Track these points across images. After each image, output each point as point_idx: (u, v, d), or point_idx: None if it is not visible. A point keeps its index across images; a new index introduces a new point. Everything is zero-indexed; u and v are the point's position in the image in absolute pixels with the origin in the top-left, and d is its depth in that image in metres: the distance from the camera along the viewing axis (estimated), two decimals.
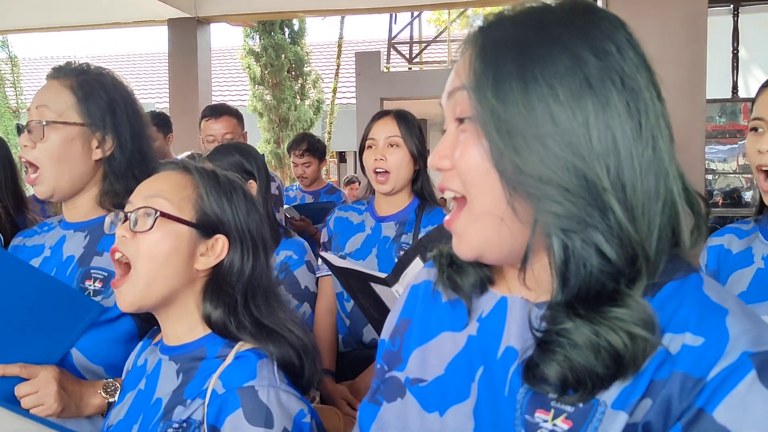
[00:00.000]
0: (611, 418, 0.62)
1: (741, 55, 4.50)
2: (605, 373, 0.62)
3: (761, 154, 1.37)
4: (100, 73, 1.49)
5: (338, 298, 2.18)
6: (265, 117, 11.00)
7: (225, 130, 3.18)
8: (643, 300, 0.64)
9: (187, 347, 1.13)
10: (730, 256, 1.53)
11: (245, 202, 1.18)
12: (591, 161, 0.64)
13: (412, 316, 0.88)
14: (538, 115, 0.65)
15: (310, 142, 4.14)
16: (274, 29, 10.82)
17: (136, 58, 18.63)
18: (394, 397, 0.82)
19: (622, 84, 0.66)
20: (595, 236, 0.64)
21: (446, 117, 0.75)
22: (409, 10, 9.50)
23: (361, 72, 8.54)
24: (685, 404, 0.60)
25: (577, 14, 0.68)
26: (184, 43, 5.23)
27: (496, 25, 0.71)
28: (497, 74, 0.67)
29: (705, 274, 0.70)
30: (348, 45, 14.31)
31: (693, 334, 0.62)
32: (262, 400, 1.00)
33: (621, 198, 0.65)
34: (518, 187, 0.65)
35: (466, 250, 0.73)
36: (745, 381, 0.58)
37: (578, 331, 0.63)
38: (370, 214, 2.17)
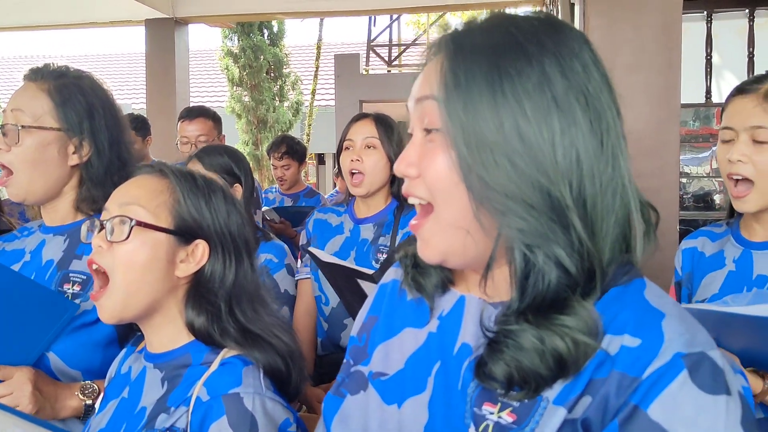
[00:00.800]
0: (551, 412, 0.65)
1: (714, 60, 4.57)
2: (548, 374, 0.65)
3: (732, 163, 1.40)
4: (79, 76, 1.47)
5: (316, 301, 2.18)
6: (244, 118, 10.95)
7: (199, 132, 3.16)
8: (591, 307, 0.67)
9: (171, 354, 1.10)
10: (704, 259, 1.56)
11: (225, 203, 1.15)
12: (555, 179, 0.66)
13: (379, 314, 0.91)
14: (507, 132, 0.67)
15: (290, 144, 4.13)
16: (253, 31, 10.78)
17: (113, 59, 18.44)
18: (357, 390, 0.84)
19: (587, 103, 0.68)
20: (556, 251, 0.67)
21: (413, 121, 0.76)
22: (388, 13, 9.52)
23: (340, 74, 8.53)
24: (621, 401, 0.63)
25: (547, 32, 0.70)
26: (161, 43, 5.20)
27: (468, 34, 0.72)
28: (468, 89, 0.68)
29: (648, 280, 0.73)
30: (327, 47, 14.30)
31: (631, 335, 0.65)
32: (247, 407, 0.98)
33: (582, 214, 0.67)
34: (485, 201, 0.68)
35: (431, 255, 0.75)
36: (677, 380, 0.62)
37: (525, 336, 0.66)
38: (349, 216, 2.17)
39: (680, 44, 2.18)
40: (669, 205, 2.15)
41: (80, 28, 5.92)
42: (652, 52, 2.17)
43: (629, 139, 0.73)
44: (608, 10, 2.20)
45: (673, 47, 2.16)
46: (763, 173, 1.37)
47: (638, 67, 2.17)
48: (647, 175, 2.09)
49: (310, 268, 2.18)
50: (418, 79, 0.76)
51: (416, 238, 0.78)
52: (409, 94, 0.78)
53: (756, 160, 1.37)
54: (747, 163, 1.38)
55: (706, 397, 0.61)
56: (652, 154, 2.10)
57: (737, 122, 1.40)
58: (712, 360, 0.63)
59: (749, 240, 1.49)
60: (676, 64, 2.17)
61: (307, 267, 2.19)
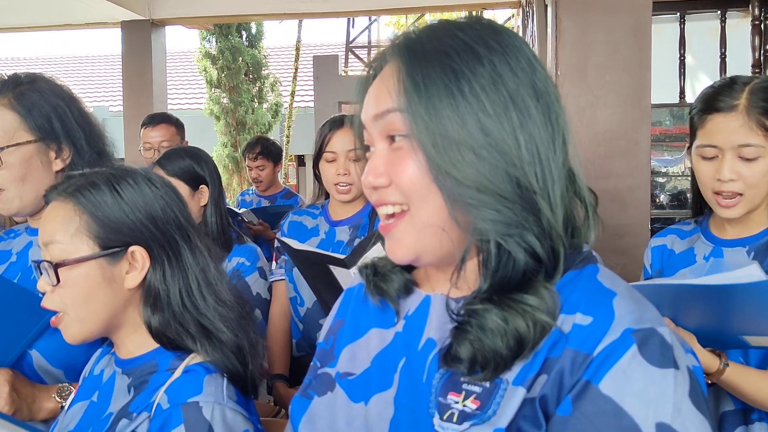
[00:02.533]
0: (511, 393, 0.68)
1: (687, 61, 4.63)
2: (508, 354, 0.68)
3: (722, 182, 1.40)
4: (33, 80, 1.44)
5: (291, 302, 2.18)
6: (222, 120, 10.88)
7: (161, 138, 3.21)
8: (552, 288, 0.70)
9: (139, 360, 1.10)
10: (674, 256, 1.59)
11: (140, 191, 1.09)
12: (522, 168, 0.70)
13: (345, 317, 0.93)
14: (470, 127, 0.70)
15: (264, 145, 4.12)
16: (231, 32, 10.72)
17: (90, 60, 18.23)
18: (324, 391, 0.86)
19: (537, 97, 0.73)
20: (529, 238, 0.70)
21: (372, 136, 0.78)
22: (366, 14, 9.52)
23: (318, 76, 8.52)
24: (575, 378, 0.66)
25: (490, 34, 0.74)
26: (138, 45, 5.16)
27: (417, 42, 0.75)
28: (428, 93, 0.71)
29: (602, 265, 0.76)
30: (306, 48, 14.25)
31: (583, 314, 0.68)
32: (206, 416, 0.97)
33: (547, 200, 0.71)
34: (458, 198, 0.70)
35: (403, 254, 0.76)
36: (627, 355, 0.64)
37: (489, 316, 0.69)
38: (324, 218, 2.18)
39: (650, 45, 2.21)
40: (641, 204, 2.18)
41: (55, 30, 5.86)
42: (623, 54, 2.20)
43: (601, 139, 0.76)
44: (579, 12, 2.22)
45: (643, 48, 2.19)
46: (752, 186, 1.39)
47: (609, 67, 2.19)
48: (619, 175, 2.12)
49: (285, 269, 2.18)
50: (370, 94, 0.78)
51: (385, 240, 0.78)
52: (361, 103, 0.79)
53: (746, 175, 1.38)
54: (737, 181, 1.39)
55: (654, 370, 0.64)
56: (624, 154, 2.12)
57: (722, 141, 1.39)
58: (661, 335, 0.66)
59: (719, 237, 1.51)
60: (646, 65, 2.19)
61: (282, 268, 2.20)
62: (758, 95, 1.37)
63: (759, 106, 1.36)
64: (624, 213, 2.14)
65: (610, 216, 2.11)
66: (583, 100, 2.16)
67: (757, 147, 1.36)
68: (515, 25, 7.89)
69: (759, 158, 1.37)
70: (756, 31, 4.08)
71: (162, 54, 5.36)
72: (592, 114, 2.17)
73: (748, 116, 1.36)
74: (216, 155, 10.83)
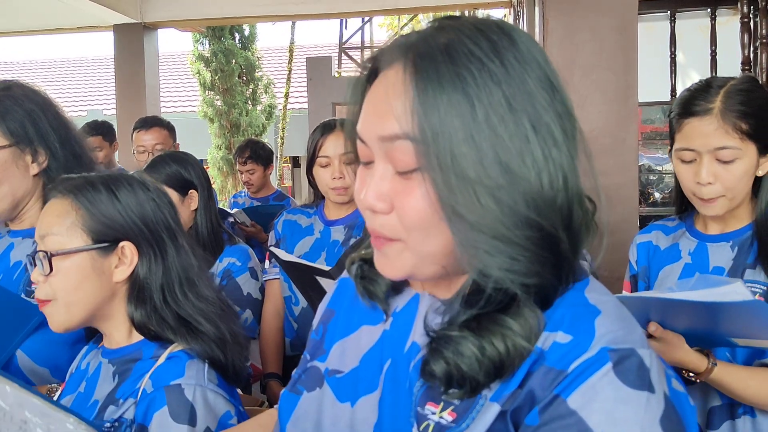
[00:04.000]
0: (486, 408, 0.66)
1: (678, 59, 4.66)
2: (485, 380, 0.65)
3: (700, 185, 1.41)
4: (8, 87, 1.46)
5: (286, 301, 2.19)
6: (216, 123, 10.88)
7: (156, 141, 3.25)
8: (538, 311, 0.66)
9: (125, 350, 1.16)
10: (659, 252, 1.61)
11: (134, 194, 1.17)
12: (546, 211, 0.63)
13: (338, 308, 0.91)
14: (487, 167, 0.62)
15: (253, 148, 4.13)
16: (224, 34, 10.73)
17: (83, 64, 18.20)
18: (313, 387, 0.84)
19: (561, 120, 0.66)
20: (544, 283, 0.65)
21: (372, 150, 0.69)
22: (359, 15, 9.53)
23: (312, 77, 8.53)
24: (547, 393, 0.63)
25: (509, 48, 0.65)
26: (130, 49, 5.17)
27: (430, 59, 0.65)
28: (444, 128, 0.62)
29: (593, 278, 0.72)
30: (299, 50, 14.26)
31: (564, 332, 0.65)
32: (188, 398, 1.04)
33: (569, 237, 0.66)
34: (469, 242, 0.63)
35: (395, 273, 0.71)
36: (599, 372, 0.61)
37: (465, 344, 0.64)
38: (319, 217, 2.18)
39: (636, 45, 2.24)
40: (629, 202, 2.20)
41: (47, 34, 5.85)
42: (610, 53, 2.22)
43: (589, 137, 0.69)
44: (566, 12, 2.24)
45: (629, 47, 2.21)
46: (731, 187, 1.39)
47: (596, 67, 2.22)
48: (607, 173, 2.13)
49: (279, 268, 2.19)
50: (373, 103, 0.69)
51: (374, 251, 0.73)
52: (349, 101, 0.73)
53: (724, 177, 1.39)
54: (715, 183, 1.39)
55: (626, 390, 0.61)
56: (612, 152, 2.14)
57: (699, 145, 1.40)
58: (640, 357, 0.63)
59: (703, 233, 1.53)
60: (633, 64, 2.22)
61: (276, 267, 2.20)
62: (733, 98, 1.38)
63: (734, 109, 1.37)
64: (612, 211, 2.15)
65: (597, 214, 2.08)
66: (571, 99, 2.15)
67: (734, 149, 1.37)
68: None
69: (736, 160, 1.37)
70: (745, 29, 4.10)
71: (154, 57, 5.38)
72: (579, 113, 2.09)
73: (723, 119, 1.37)
74: (210, 158, 10.84)
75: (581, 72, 2.21)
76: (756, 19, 4.00)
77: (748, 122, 1.36)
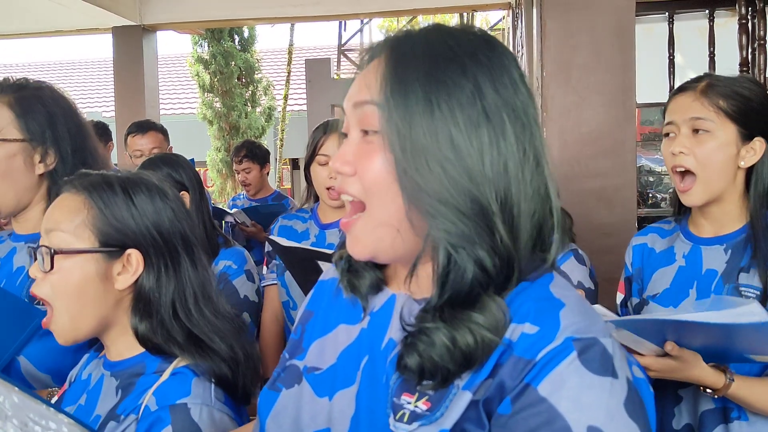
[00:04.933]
0: (459, 396, 0.70)
1: (677, 60, 4.66)
2: (456, 369, 0.70)
3: (674, 156, 1.46)
4: (39, 87, 1.48)
5: (284, 306, 2.19)
6: (215, 125, 10.88)
7: (152, 145, 3.26)
8: (502, 302, 0.72)
9: (127, 363, 1.10)
10: (654, 255, 1.61)
11: (151, 201, 1.12)
12: (483, 187, 0.71)
13: (316, 310, 0.94)
14: (440, 140, 0.71)
15: (249, 148, 4.15)
16: (223, 36, 10.73)
17: (82, 66, 18.22)
18: (292, 384, 0.87)
19: (515, 116, 0.73)
20: (480, 252, 0.71)
21: (350, 122, 0.79)
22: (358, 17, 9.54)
23: (311, 79, 8.54)
24: (516, 382, 0.68)
25: (482, 47, 0.75)
26: (129, 51, 5.17)
27: (407, 42, 0.76)
28: (406, 97, 0.72)
29: (558, 274, 0.78)
30: (299, 52, 14.27)
31: (531, 323, 0.70)
32: (194, 418, 0.99)
33: (507, 220, 0.72)
34: (417, 203, 0.71)
35: (361, 252, 0.78)
36: (566, 360, 0.67)
37: (437, 334, 0.70)
38: (314, 221, 2.19)
39: (634, 46, 2.24)
40: (627, 203, 2.19)
41: (46, 37, 5.86)
42: (607, 54, 2.22)
43: (587, 139, 0.76)
44: (563, 14, 2.24)
45: (626, 49, 2.22)
46: (704, 164, 1.43)
47: (594, 68, 2.22)
48: (605, 174, 2.13)
49: (276, 273, 2.19)
50: (355, 81, 0.79)
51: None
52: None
53: (696, 152, 1.43)
54: (688, 155, 1.44)
55: (591, 376, 0.66)
56: (610, 154, 2.14)
57: (678, 116, 1.47)
58: (603, 346, 0.68)
59: (697, 236, 1.54)
60: (630, 65, 2.22)
61: (274, 273, 2.20)
62: (719, 81, 1.45)
63: (716, 89, 1.43)
64: (610, 212, 2.16)
65: (596, 215, 2.13)
66: (569, 101, 2.19)
67: (708, 121, 1.42)
68: (506, 27, 7.92)
69: (710, 134, 1.42)
70: (743, 30, 4.11)
71: (153, 59, 5.38)
72: (577, 114, 2.20)
73: (702, 94, 1.44)
74: (209, 160, 10.84)
75: (579, 73, 2.21)
76: (754, 21, 4.01)
77: (727, 102, 1.42)
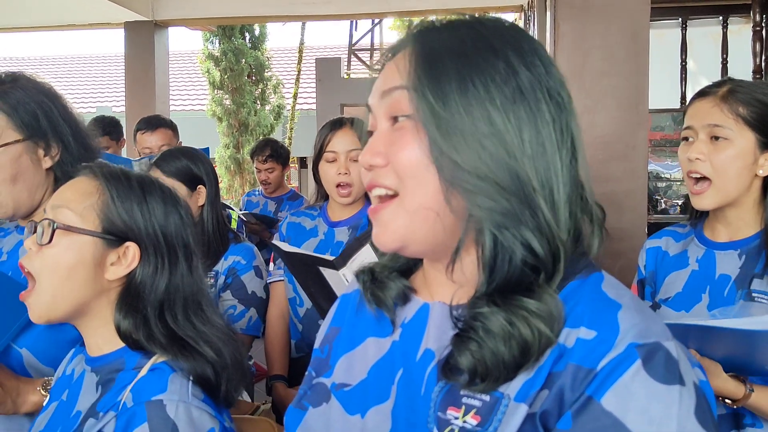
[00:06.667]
0: (513, 409, 0.66)
1: (689, 66, 4.64)
2: (511, 361, 0.66)
3: (691, 161, 1.45)
4: (15, 78, 1.42)
5: (291, 303, 2.18)
6: (225, 122, 10.90)
7: (162, 142, 3.23)
8: (555, 295, 0.68)
9: (107, 358, 1.09)
10: (667, 258, 1.60)
11: (164, 204, 1.12)
12: (522, 162, 0.69)
13: (342, 325, 0.90)
14: (477, 117, 0.69)
15: (274, 147, 4.14)
16: (234, 34, 10.74)
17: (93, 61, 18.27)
18: (320, 402, 0.84)
19: (550, 96, 0.71)
20: (525, 232, 0.68)
21: (377, 116, 0.77)
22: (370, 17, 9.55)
23: (321, 78, 8.52)
24: (577, 393, 0.64)
25: (509, 30, 0.74)
26: (141, 46, 5.18)
27: (433, 31, 0.74)
28: (438, 76, 0.70)
29: (607, 273, 0.74)
30: (309, 51, 14.26)
31: (587, 328, 0.66)
32: (170, 414, 0.97)
33: (548, 199, 0.69)
34: (455, 182, 0.69)
35: (389, 240, 0.74)
36: (630, 370, 0.62)
37: (494, 318, 0.67)
38: (323, 219, 2.18)
39: (648, 51, 2.23)
40: (638, 208, 2.19)
41: (58, 31, 5.88)
42: (621, 58, 2.21)
43: (599, 143, 0.75)
44: (577, 17, 2.23)
45: (640, 53, 2.21)
46: (720, 171, 1.42)
47: (607, 72, 2.21)
48: (616, 179, 2.13)
49: (283, 270, 2.18)
50: (381, 74, 0.77)
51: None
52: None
53: (713, 158, 1.42)
54: (705, 162, 1.43)
55: (659, 386, 0.62)
56: (621, 158, 2.13)
57: (696, 122, 1.46)
58: (667, 350, 0.64)
59: (712, 240, 1.52)
60: (644, 70, 2.21)
61: (281, 269, 2.20)
62: (741, 88, 1.43)
63: (737, 96, 1.42)
64: (621, 217, 2.15)
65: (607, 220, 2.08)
66: (581, 105, 2.17)
67: (727, 129, 1.41)
68: None
69: (728, 141, 1.41)
70: (757, 37, 4.09)
71: (165, 55, 5.39)
72: (590, 118, 2.18)
73: (722, 100, 1.42)
74: (218, 157, 10.85)
75: (592, 77, 2.20)
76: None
77: (747, 109, 1.40)
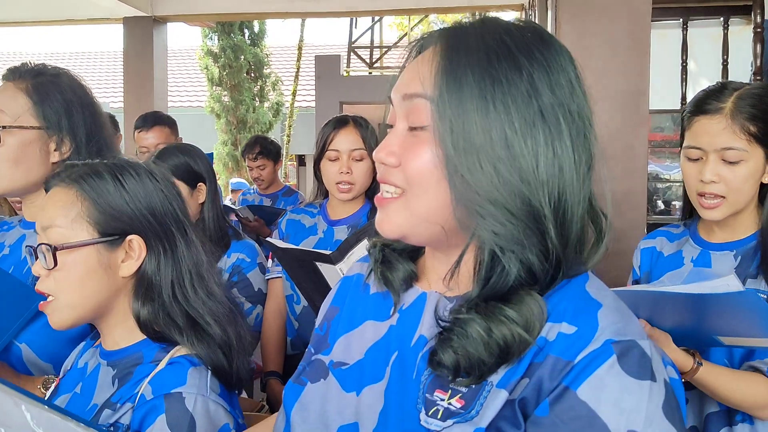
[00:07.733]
0: (494, 395, 0.69)
1: (690, 67, 4.63)
2: (492, 362, 0.69)
3: (704, 183, 1.41)
4: (57, 74, 1.47)
5: (288, 300, 2.18)
6: (223, 118, 10.91)
7: (157, 141, 3.18)
8: (540, 299, 0.71)
9: (124, 352, 1.10)
10: (662, 258, 1.60)
11: (141, 183, 1.11)
12: (536, 188, 0.70)
13: (342, 305, 0.94)
14: (494, 139, 0.69)
15: (263, 144, 4.14)
16: (234, 30, 10.75)
17: (91, 56, 18.25)
18: (317, 378, 0.87)
19: (571, 119, 0.72)
20: (529, 255, 0.70)
21: (396, 113, 0.77)
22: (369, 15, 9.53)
23: (320, 75, 8.53)
24: (555, 383, 0.67)
25: (537, 44, 0.73)
26: (139, 42, 5.17)
27: (461, 37, 0.74)
28: (461, 94, 0.70)
29: (593, 274, 0.77)
30: (308, 48, 14.25)
31: (568, 323, 0.70)
32: (188, 407, 0.99)
33: (559, 223, 0.71)
34: (466, 202, 0.70)
35: (390, 230, 0.77)
36: (605, 364, 0.66)
37: (472, 325, 0.69)
38: (323, 217, 2.18)
39: (649, 51, 2.22)
40: (637, 208, 2.18)
41: (57, 25, 5.86)
42: (622, 59, 2.21)
43: (599, 142, 0.75)
44: (579, 16, 2.23)
45: (641, 54, 2.20)
46: (734, 190, 1.40)
47: (608, 72, 2.20)
48: (616, 179, 2.11)
49: (281, 266, 2.18)
50: (406, 71, 0.78)
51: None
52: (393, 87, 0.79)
53: (728, 178, 1.39)
54: (719, 183, 1.40)
55: (631, 380, 0.66)
56: (621, 158, 2.13)
57: (705, 143, 1.41)
58: (641, 348, 0.68)
59: (707, 241, 1.52)
60: (645, 71, 2.20)
61: (279, 266, 2.19)
62: (745, 101, 1.39)
63: (744, 111, 1.38)
64: (620, 217, 2.14)
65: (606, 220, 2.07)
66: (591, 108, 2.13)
67: (740, 151, 1.38)
68: None
69: (741, 162, 1.39)
70: (758, 39, 4.09)
71: (163, 51, 5.38)
72: None
73: (733, 120, 1.38)
74: (216, 153, 10.84)
75: (592, 77, 2.18)
76: None
77: (757, 125, 1.37)
